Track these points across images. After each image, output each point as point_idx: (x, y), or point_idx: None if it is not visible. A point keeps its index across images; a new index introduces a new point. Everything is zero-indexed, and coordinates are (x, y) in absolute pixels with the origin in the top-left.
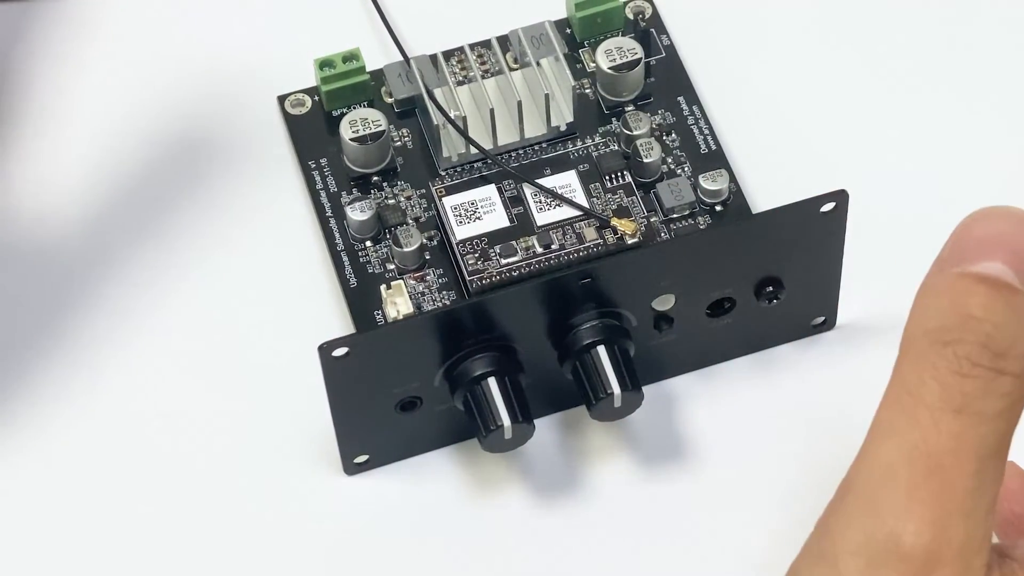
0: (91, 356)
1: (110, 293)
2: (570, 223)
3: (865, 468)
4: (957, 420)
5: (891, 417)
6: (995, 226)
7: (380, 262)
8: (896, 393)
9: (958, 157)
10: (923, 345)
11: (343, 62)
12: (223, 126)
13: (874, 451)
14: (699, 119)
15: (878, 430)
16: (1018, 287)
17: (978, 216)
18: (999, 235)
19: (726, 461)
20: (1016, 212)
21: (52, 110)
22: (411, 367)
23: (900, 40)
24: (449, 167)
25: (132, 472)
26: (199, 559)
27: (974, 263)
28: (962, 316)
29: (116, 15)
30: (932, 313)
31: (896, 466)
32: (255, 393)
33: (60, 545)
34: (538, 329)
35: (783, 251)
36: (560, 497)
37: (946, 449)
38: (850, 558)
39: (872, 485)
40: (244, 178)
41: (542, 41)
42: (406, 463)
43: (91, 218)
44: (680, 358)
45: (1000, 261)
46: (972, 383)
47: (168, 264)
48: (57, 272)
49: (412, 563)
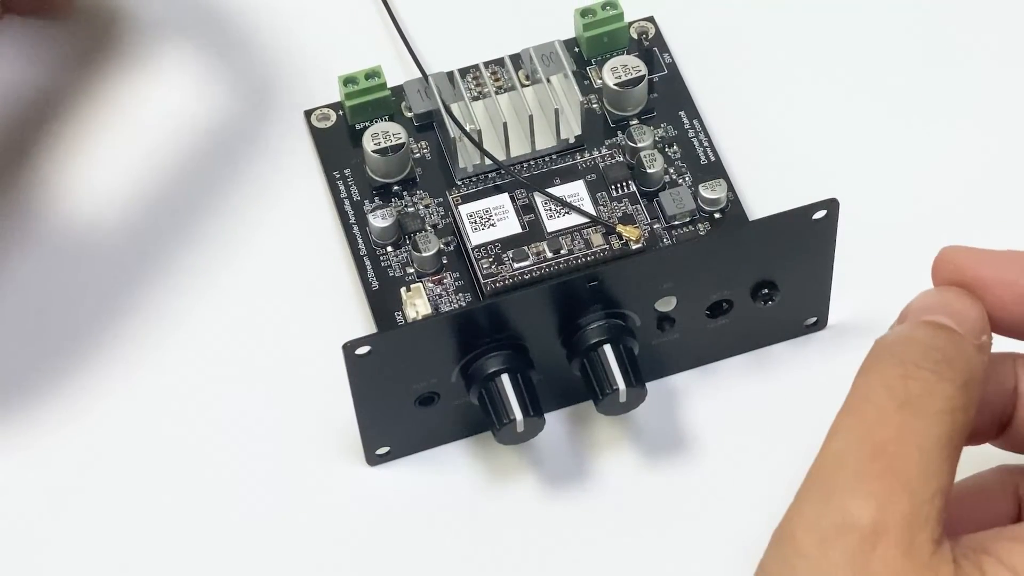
0: (133, 353)
1: (152, 295)
2: (578, 229)
3: (820, 460)
4: (900, 413)
5: (843, 418)
6: (937, 297)
7: (400, 266)
8: (849, 400)
9: (941, 168)
10: (873, 360)
11: (366, 79)
12: (254, 139)
13: (827, 445)
14: (699, 132)
15: (832, 429)
16: (957, 329)
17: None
18: (940, 302)
19: (724, 452)
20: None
21: (94, 121)
22: (429, 364)
23: (886, 59)
24: (465, 177)
25: (170, 461)
26: (233, 542)
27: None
28: (909, 340)
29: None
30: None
31: (845, 454)
32: (283, 389)
33: (104, 527)
34: (548, 329)
35: (778, 256)
36: (569, 486)
37: (890, 437)
38: (806, 535)
39: (825, 472)
40: (273, 187)
41: (552, 59)
42: (424, 454)
43: (130, 223)
44: (681, 356)
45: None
46: (915, 384)
47: (202, 268)
48: (101, 275)
49: (430, 547)
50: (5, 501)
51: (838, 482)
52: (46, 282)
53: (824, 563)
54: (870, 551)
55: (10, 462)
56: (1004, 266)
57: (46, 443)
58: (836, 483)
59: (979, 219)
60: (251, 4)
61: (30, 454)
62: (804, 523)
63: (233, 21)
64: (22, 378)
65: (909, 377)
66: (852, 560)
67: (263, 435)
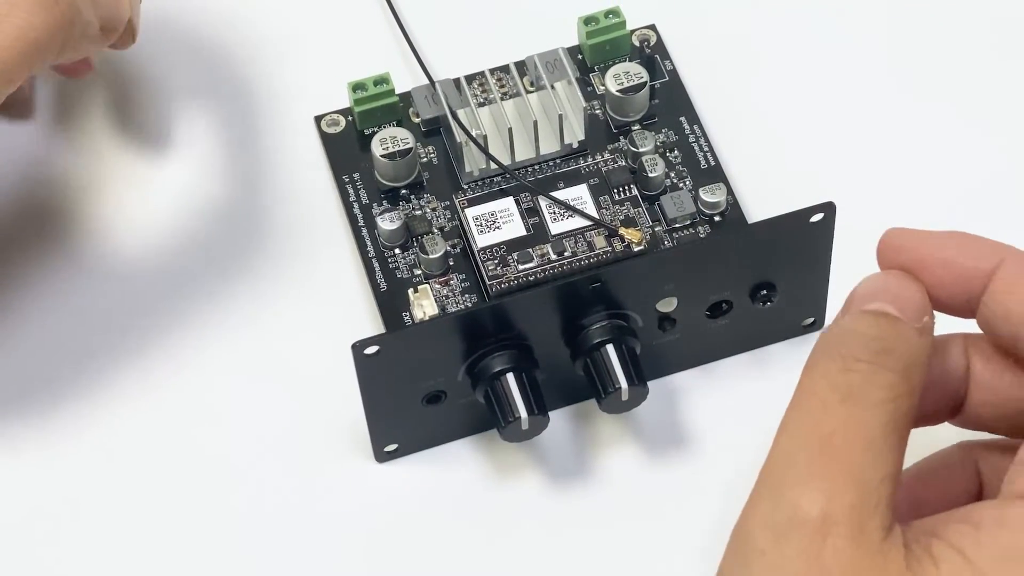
0: (148, 354)
1: (165, 298)
2: (581, 232)
3: (770, 457)
4: (843, 406)
5: (790, 414)
6: (879, 281)
7: (408, 268)
8: (796, 397)
9: (935, 171)
10: (816, 356)
11: (374, 85)
12: (266, 143)
13: (777, 442)
14: (699, 137)
15: (781, 426)
16: (898, 315)
17: (865, 279)
18: (881, 288)
19: (724, 449)
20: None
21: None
22: (436, 364)
23: (882, 64)
24: (471, 181)
25: (183, 458)
26: (245, 537)
27: (867, 304)
28: (849, 332)
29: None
30: (826, 335)
31: (793, 450)
32: (294, 388)
33: (119, 522)
34: (552, 329)
35: (776, 258)
36: (572, 482)
37: (835, 430)
38: (760, 532)
39: (776, 469)
40: (284, 191)
41: (556, 66)
42: (431, 451)
43: (142, 229)
44: (682, 356)
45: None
46: (856, 376)
47: (215, 270)
48: (128, 287)
49: (437, 541)
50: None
51: (788, 478)
52: (66, 294)
53: (779, 558)
54: (821, 543)
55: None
56: (943, 246)
57: (68, 442)
58: (786, 479)
59: (977, 222)
60: (263, 13)
61: (51, 453)
62: (758, 520)
63: (246, 30)
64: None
65: (849, 370)
66: (805, 553)
67: (275, 433)
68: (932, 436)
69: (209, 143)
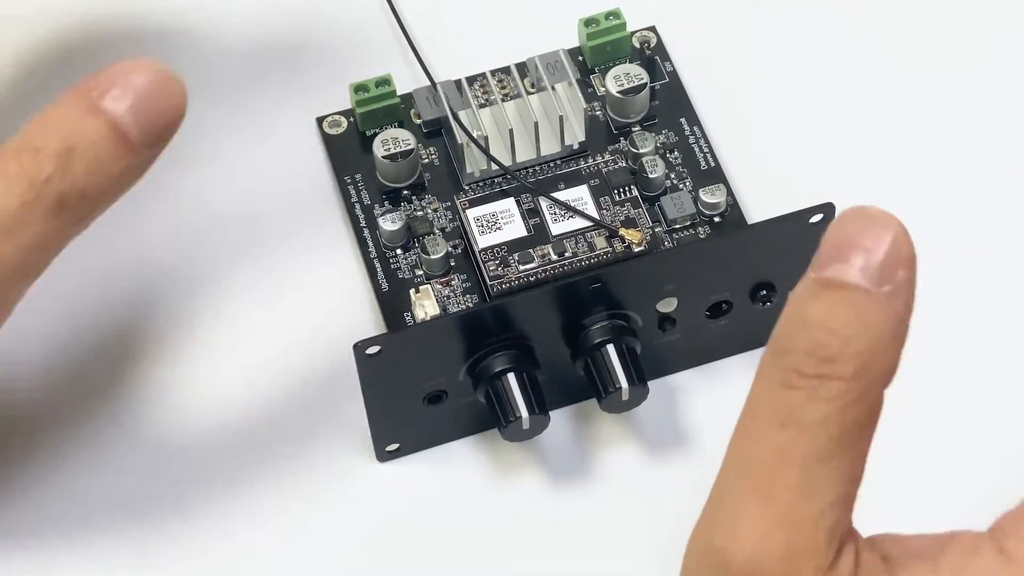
0: (150, 353)
1: (168, 297)
2: (582, 233)
3: (712, 489)
4: (781, 433)
5: (734, 438)
6: (849, 227)
7: (409, 268)
8: (740, 417)
9: (935, 173)
10: (766, 361)
11: (376, 86)
12: (267, 144)
13: (719, 472)
14: (699, 138)
15: (726, 451)
16: (862, 285)
17: (837, 220)
18: (852, 236)
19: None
20: (872, 211)
21: None
22: (437, 364)
23: (882, 65)
24: (472, 182)
25: (184, 456)
26: (246, 536)
27: (826, 268)
28: (797, 324)
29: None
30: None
31: (728, 483)
32: (295, 388)
33: (118, 517)
34: (553, 329)
35: (776, 258)
36: (573, 481)
37: (770, 462)
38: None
39: (712, 503)
40: (286, 192)
41: (557, 67)
42: (433, 451)
43: (145, 229)
44: (682, 355)
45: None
46: (797, 395)
47: (217, 270)
48: (128, 287)
49: (438, 541)
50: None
51: (718, 521)
52: (64, 293)
53: None
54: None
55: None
56: None
57: (67, 444)
58: (716, 523)
59: (975, 225)
60: (265, 14)
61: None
62: (692, 560)
63: (247, 31)
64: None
65: (791, 387)
66: None
67: (276, 432)
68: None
69: (210, 144)
